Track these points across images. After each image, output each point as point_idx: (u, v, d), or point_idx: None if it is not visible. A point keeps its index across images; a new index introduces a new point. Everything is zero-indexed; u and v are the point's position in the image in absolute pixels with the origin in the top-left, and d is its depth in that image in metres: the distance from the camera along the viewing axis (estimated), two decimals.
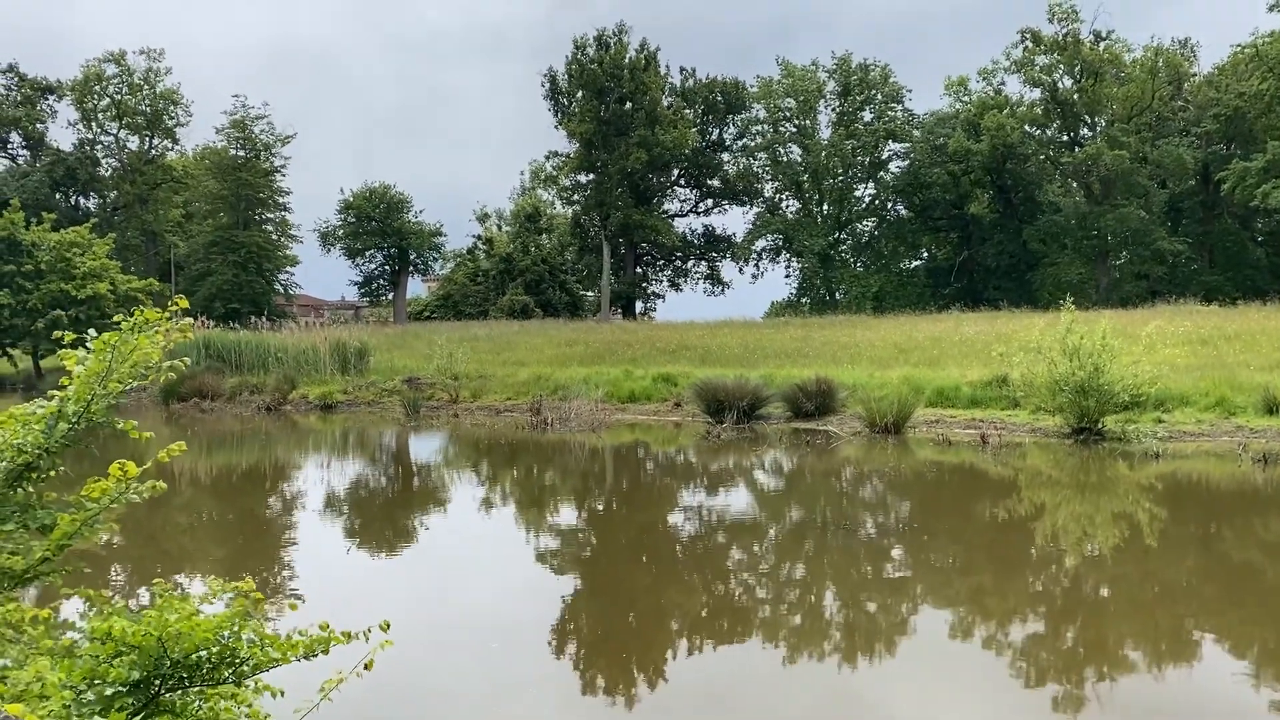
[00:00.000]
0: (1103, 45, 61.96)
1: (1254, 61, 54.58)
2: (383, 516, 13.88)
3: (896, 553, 10.86)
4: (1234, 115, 57.73)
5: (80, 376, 3.85)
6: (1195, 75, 63.54)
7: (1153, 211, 59.66)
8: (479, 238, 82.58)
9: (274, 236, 64.55)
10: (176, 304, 4.07)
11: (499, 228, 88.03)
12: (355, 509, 14.32)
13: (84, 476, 3.75)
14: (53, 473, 3.94)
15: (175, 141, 66.09)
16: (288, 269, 65.33)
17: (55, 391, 4.09)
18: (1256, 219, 60.30)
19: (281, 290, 65.25)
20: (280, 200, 64.18)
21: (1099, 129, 62.00)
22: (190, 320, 4.15)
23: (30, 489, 3.87)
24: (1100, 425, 18.07)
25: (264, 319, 51.86)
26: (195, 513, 14.00)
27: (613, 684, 6.90)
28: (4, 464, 3.72)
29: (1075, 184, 64.27)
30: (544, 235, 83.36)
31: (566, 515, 13.66)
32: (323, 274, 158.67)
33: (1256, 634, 7.84)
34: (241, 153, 62.50)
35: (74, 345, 3.89)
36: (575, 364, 33.77)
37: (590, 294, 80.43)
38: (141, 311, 3.96)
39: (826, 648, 7.65)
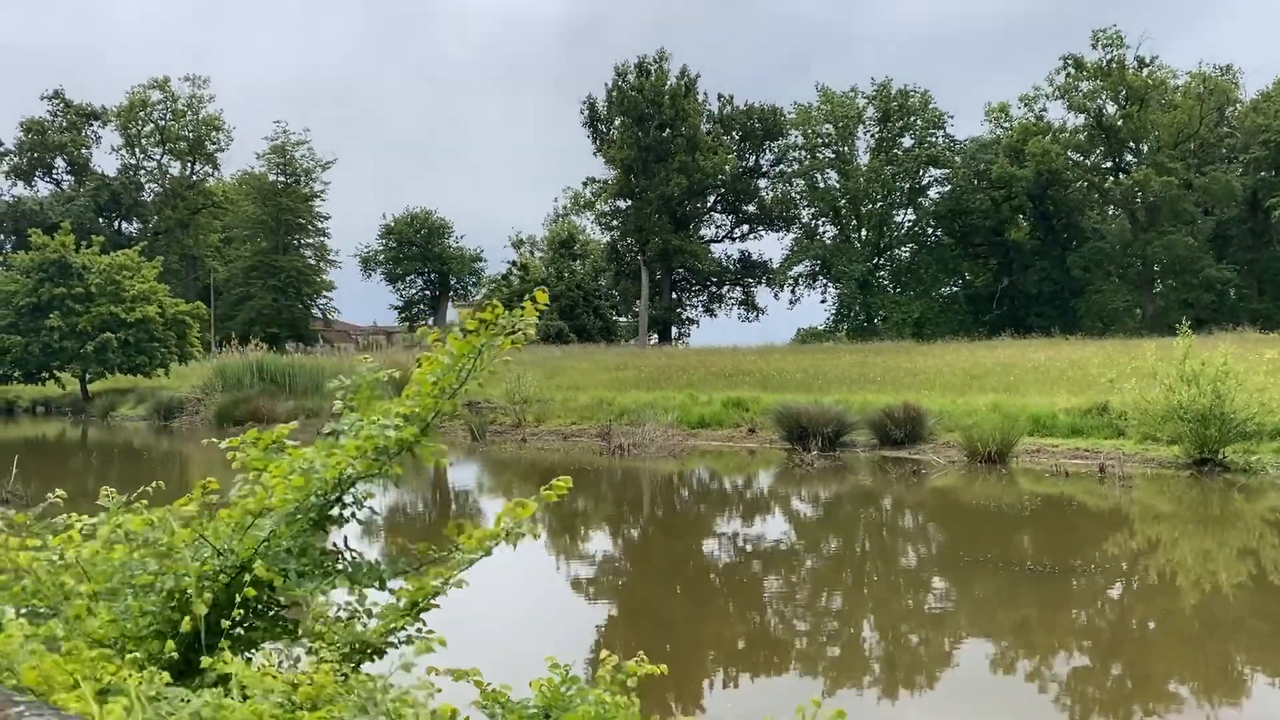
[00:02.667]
0: (1146, 71, 61.46)
1: None
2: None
3: (1074, 592, 10.18)
4: None
5: (424, 381, 3.28)
6: (1241, 101, 62.85)
7: (1199, 238, 58.84)
8: (514, 263, 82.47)
9: (312, 261, 64.55)
10: (536, 299, 3.47)
11: (532, 253, 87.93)
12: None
13: None
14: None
15: (216, 167, 66.35)
16: (325, 294, 65.32)
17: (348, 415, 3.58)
18: None
19: (320, 315, 65.20)
20: (319, 225, 64.24)
21: (1144, 155, 61.31)
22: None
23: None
24: (1221, 456, 17.33)
25: (300, 344, 51.71)
26: None
27: None
28: (311, 497, 3.15)
29: (1119, 210, 63.58)
30: (577, 261, 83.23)
31: (722, 554, 13.03)
32: (353, 300, 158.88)
33: None
34: (281, 178, 62.62)
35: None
36: (631, 389, 33.23)
37: (623, 319, 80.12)
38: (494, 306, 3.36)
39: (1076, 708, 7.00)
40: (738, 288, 73.72)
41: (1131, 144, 61.73)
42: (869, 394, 27.34)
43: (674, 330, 72.86)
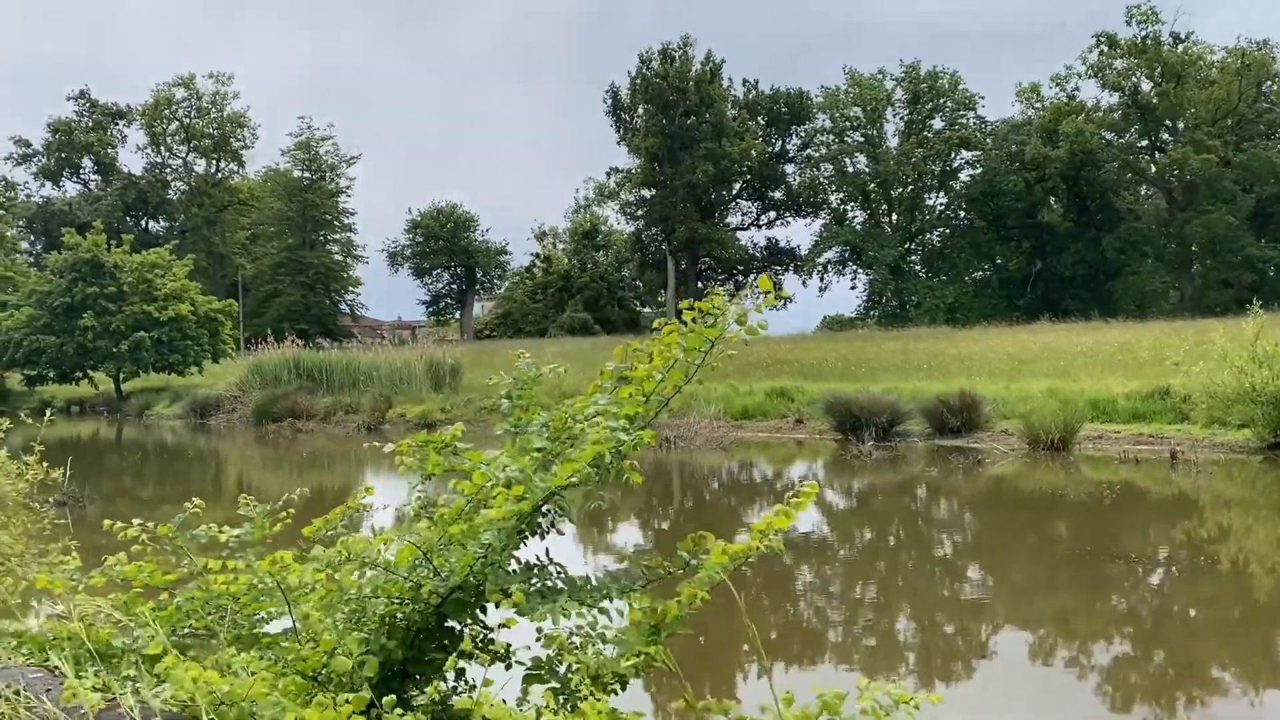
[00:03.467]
0: (1181, 48, 60.35)
1: None
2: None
3: (1197, 582, 9.72)
4: None
5: (644, 378, 2.90)
6: (1278, 76, 61.60)
7: (1239, 217, 57.77)
8: (537, 255, 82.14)
9: (339, 257, 64.47)
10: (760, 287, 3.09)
11: (555, 245, 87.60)
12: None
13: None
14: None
15: (241, 164, 66.31)
16: (353, 289, 65.23)
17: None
18: None
19: (348, 310, 65.14)
20: (345, 221, 64.12)
21: (1180, 133, 60.24)
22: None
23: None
24: None
25: (330, 340, 51.62)
26: None
27: None
28: (521, 503, 2.76)
29: (1155, 190, 62.56)
30: (600, 252, 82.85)
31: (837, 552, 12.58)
32: (380, 295, 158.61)
33: None
34: (307, 174, 62.51)
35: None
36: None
37: (648, 310, 79.67)
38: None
39: None
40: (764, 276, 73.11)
41: (1167, 122, 60.66)
42: (915, 382, 26.85)
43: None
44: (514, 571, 2.61)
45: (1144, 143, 62.16)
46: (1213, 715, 6.53)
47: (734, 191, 69.29)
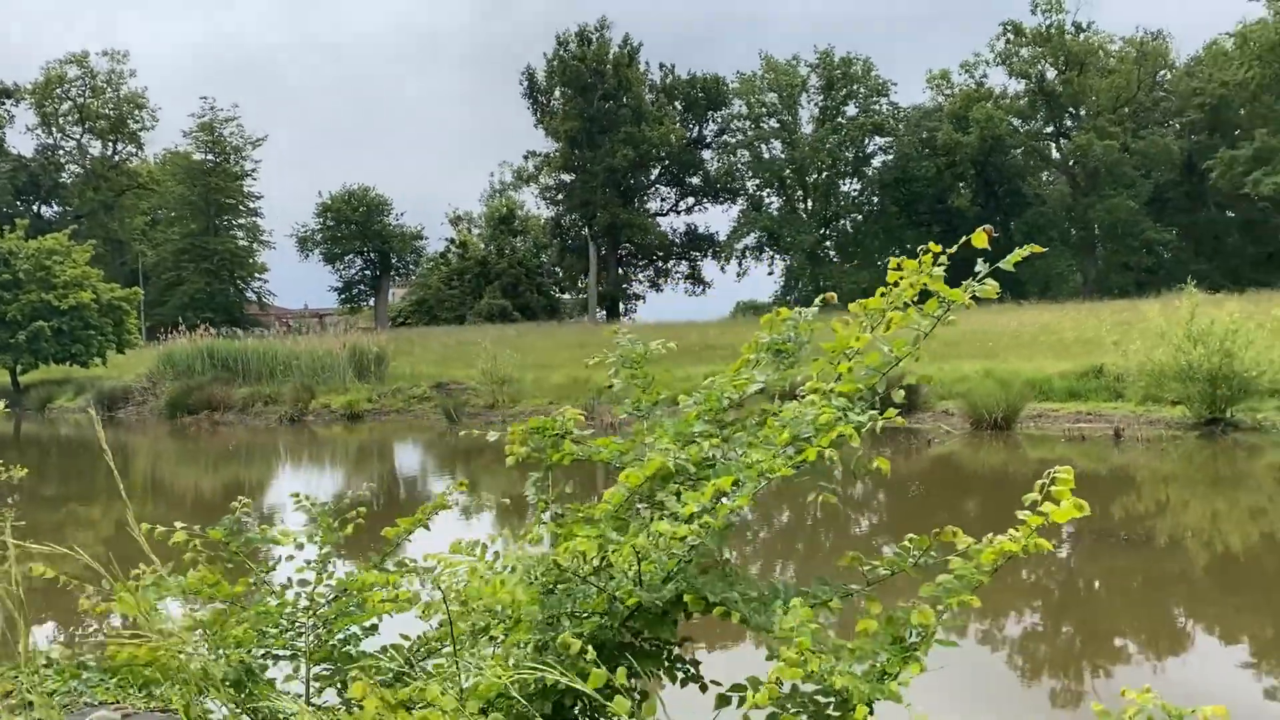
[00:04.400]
0: (1083, 37, 62.14)
1: (1241, 49, 54.89)
2: None
3: (1184, 560, 9.79)
4: (1218, 104, 58.09)
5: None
6: (1173, 66, 63.92)
7: (1138, 202, 59.86)
8: (452, 241, 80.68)
9: (245, 243, 62.38)
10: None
11: (469, 230, 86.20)
12: None
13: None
14: None
15: (140, 147, 63.48)
16: (260, 276, 63.21)
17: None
18: (1238, 207, 60.66)
19: (255, 298, 63.10)
20: (251, 205, 62.05)
21: (1083, 120, 62.08)
22: None
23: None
24: (1229, 415, 17.25)
25: (237, 329, 49.85)
26: None
27: None
28: None
29: (1060, 175, 64.42)
30: (518, 237, 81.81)
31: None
32: (285, 282, 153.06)
33: None
34: (210, 157, 60.27)
35: None
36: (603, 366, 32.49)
37: (568, 296, 79.09)
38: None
39: None
40: (684, 261, 73.19)
41: (1071, 109, 62.45)
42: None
43: (621, 306, 72.11)
44: (717, 575, 2.26)
45: (1049, 129, 63.94)
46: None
47: (652, 177, 69.08)
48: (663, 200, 71.45)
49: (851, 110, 66.75)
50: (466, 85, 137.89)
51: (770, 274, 70.89)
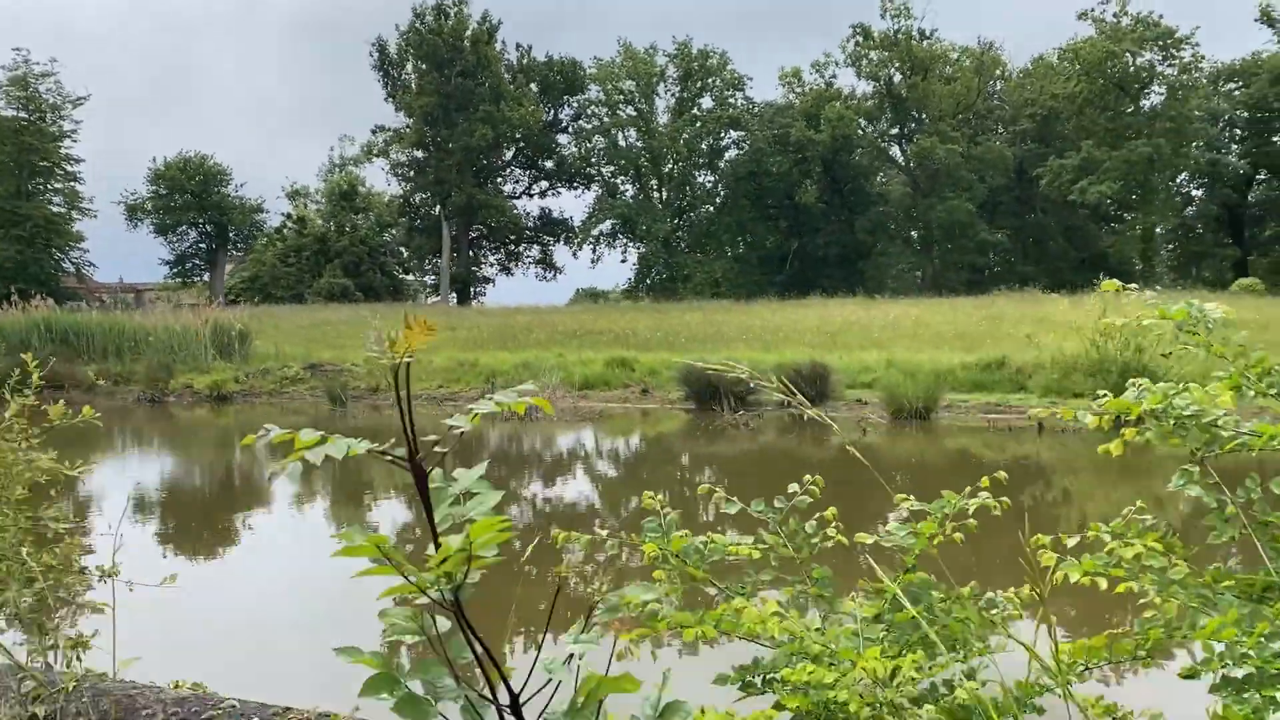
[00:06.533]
0: (927, 44, 64.95)
1: (1073, 63, 58.61)
2: None
3: None
4: (1048, 115, 61.92)
5: None
6: (1007, 77, 67.73)
7: (975, 204, 63.15)
8: (289, 216, 76.66)
9: (61, 209, 57.39)
10: None
11: (307, 205, 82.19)
12: None
13: None
14: None
15: None
16: (77, 246, 58.31)
17: None
18: (1061, 213, 64.87)
19: (73, 269, 58.20)
20: (70, 169, 57.11)
21: (925, 124, 64.91)
22: None
23: None
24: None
25: (49, 301, 45.73)
26: None
27: None
28: None
29: (902, 176, 67.16)
30: (360, 215, 78.61)
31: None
32: (109, 253, 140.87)
33: None
34: (23, 114, 55.03)
35: None
36: (476, 349, 31.51)
37: (412, 277, 76.66)
38: None
39: None
40: (535, 246, 72.18)
41: (915, 113, 65.15)
42: (740, 351, 27.02)
43: (471, 289, 70.45)
44: None
45: (895, 130, 66.50)
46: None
47: (506, 159, 67.74)
48: (516, 183, 70.26)
49: (708, 102, 67.54)
50: (300, 54, 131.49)
51: (624, 261, 70.99)
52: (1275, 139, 59.93)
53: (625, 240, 68.85)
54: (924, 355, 24.57)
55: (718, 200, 69.13)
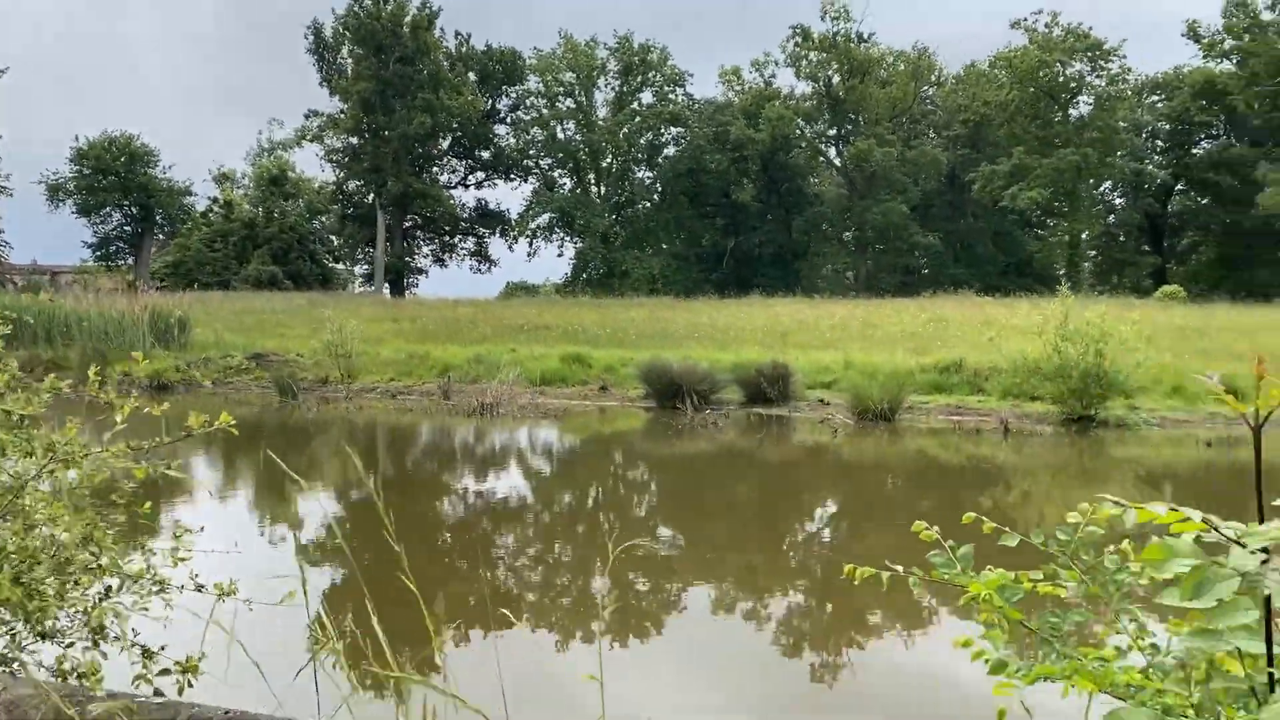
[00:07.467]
0: (864, 47, 65.79)
1: (1005, 71, 59.94)
2: None
3: None
4: (980, 121, 63.24)
5: None
6: (941, 82, 68.98)
7: (909, 207, 64.23)
8: (215, 200, 74.42)
9: None
10: None
11: (234, 190, 79.88)
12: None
13: None
14: None
15: None
16: None
17: None
18: (990, 219, 66.34)
19: None
20: None
21: (862, 126, 65.76)
22: None
23: None
24: (1095, 413, 18.55)
25: None
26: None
27: None
28: None
29: (840, 177, 67.95)
30: (290, 201, 76.72)
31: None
32: (24, 234, 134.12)
33: None
34: None
35: None
36: (421, 342, 30.99)
37: (342, 266, 75.15)
38: None
39: None
40: (471, 237, 71.30)
41: (852, 115, 65.95)
42: (694, 350, 26.98)
43: (404, 280, 69.26)
44: None
45: (832, 132, 67.24)
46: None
47: (444, 148, 66.74)
48: (452, 173, 69.29)
49: (648, 98, 67.42)
50: (230, 33, 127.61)
51: (560, 255, 70.59)
52: (1195, 151, 62.19)
53: (563, 234, 68.44)
54: (879, 357, 24.84)
55: (656, 196, 69.08)
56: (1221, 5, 55.42)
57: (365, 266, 71.11)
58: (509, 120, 68.42)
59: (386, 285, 64.94)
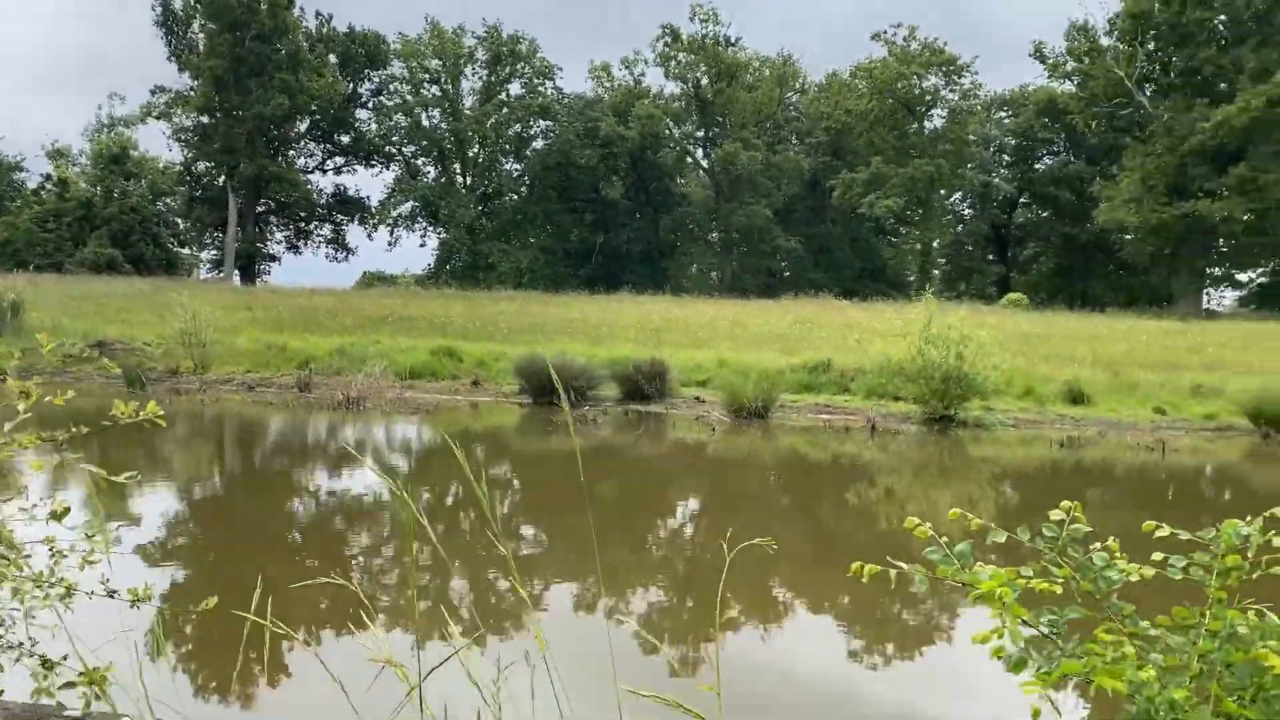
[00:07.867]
0: (731, 51, 66.83)
1: (865, 81, 61.89)
2: None
3: None
4: (841, 130, 65.13)
5: None
6: (805, 90, 70.66)
7: (772, 211, 65.58)
8: (49, 177, 69.68)
9: None
10: None
11: (70, 167, 74.96)
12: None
13: None
14: None
15: None
16: None
17: None
18: (848, 225, 68.39)
19: None
20: None
21: (729, 129, 66.78)
22: None
23: None
24: (954, 413, 19.27)
25: None
26: None
27: None
28: None
29: (707, 179, 68.83)
30: (130, 180, 72.53)
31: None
32: None
33: None
34: None
35: None
36: (277, 331, 29.77)
37: (187, 250, 71.55)
38: None
39: None
40: (327, 224, 69.00)
41: (720, 118, 66.88)
42: (568, 345, 26.77)
43: (256, 266, 66.44)
44: None
45: (700, 133, 68.03)
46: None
47: (301, 131, 64.36)
48: (310, 157, 66.90)
49: (516, 89, 66.70)
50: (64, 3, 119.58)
51: (423, 246, 69.05)
52: (1038, 166, 65.71)
53: (425, 224, 67.03)
54: (749, 356, 25.21)
55: (524, 189, 68.41)
56: (1065, 29, 58.79)
57: (213, 251, 67.93)
58: (371, 105, 66.58)
59: (237, 272, 62.22)
